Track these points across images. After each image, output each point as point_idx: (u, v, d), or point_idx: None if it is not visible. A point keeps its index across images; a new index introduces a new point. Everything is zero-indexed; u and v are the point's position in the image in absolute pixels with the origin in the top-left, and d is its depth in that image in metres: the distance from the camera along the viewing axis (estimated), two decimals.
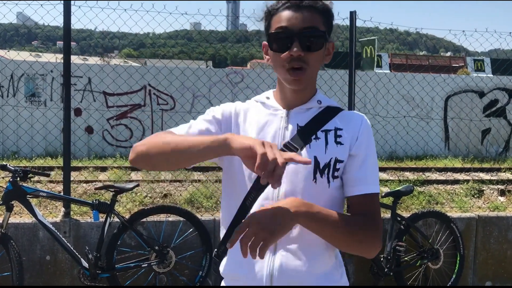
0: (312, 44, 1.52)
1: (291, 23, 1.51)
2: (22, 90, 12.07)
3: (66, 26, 4.42)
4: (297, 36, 1.50)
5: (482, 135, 13.89)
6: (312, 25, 1.51)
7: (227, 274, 1.62)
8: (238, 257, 1.43)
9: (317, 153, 1.54)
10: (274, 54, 1.55)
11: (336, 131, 1.58)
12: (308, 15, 1.51)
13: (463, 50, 38.03)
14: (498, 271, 5.16)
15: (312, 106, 1.63)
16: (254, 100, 1.71)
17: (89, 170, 7.83)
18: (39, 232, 4.40)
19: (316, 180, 1.53)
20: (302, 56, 1.50)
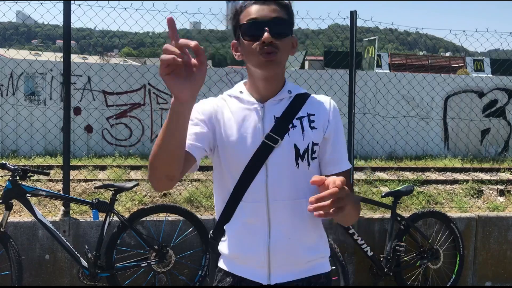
0: (281, 31, 1.66)
1: (260, 14, 1.66)
2: (21, 88, 12.06)
3: (66, 25, 4.40)
4: (267, 24, 1.64)
5: (481, 135, 13.89)
6: (279, 15, 1.67)
7: (228, 254, 1.78)
8: (236, 237, 1.74)
9: (296, 140, 1.70)
10: (247, 44, 1.67)
11: (309, 116, 1.75)
12: (274, 7, 1.68)
13: (463, 50, 37.97)
14: (498, 272, 5.15)
15: (284, 96, 1.76)
16: (227, 94, 1.82)
17: (89, 169, 7.82)
18: (38, 231, 4.39)
19: (298, 165, 1.71)
20: (274, 42, 1.64)
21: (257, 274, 1.74)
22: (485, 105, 13.80)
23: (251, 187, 1.70)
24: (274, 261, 1.72)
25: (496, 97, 13.78)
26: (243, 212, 1.73)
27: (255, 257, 1.73)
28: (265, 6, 1.67)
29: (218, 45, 54.31)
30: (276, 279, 1.73)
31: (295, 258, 1.74)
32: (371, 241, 4.80)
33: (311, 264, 1.78)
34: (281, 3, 1.71)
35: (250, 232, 1.73)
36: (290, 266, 1.74)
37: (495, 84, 13.66)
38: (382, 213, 5.13)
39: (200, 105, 1.78)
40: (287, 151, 1.70)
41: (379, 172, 8.39)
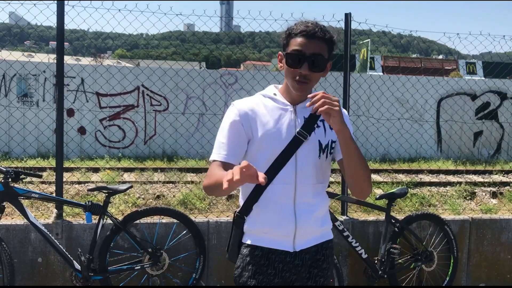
0: (317, 66, 2.06)
1: (304, 48, 2.04)
2: (14, 90, 11.99)
3: (60, 26, 4.38)
4: (307, 59, 2.04)
5: (474, 137, 13.96)
6: (319, 52, 2.05)
7: (257, 229, 2.16)
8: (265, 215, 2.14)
9: (320, 137, 2.15)
10: (288, 68, 2.09)
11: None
12: (317, 44, 2.05)
13: (456, 52, 38.16)
14: (492, 274, 5.17)
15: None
16: (261, 95, 2.22)
17: (82, 171, 7.77)
18: (30, 234, 4.35)
19: (320, 157, 2.15)
20: (308, 74, 2.05)
21: (284, 243, 2.15)
22: (478, 107, 13.87)
23: (282, 172, 2.09)
24: (298, 232, 2.14)
25: (489, 100, 13.86)
26: (273, 193, 2.11)
27: (284, 230, 2.13)
28: (309, 42, 2.04)
29: (212, 47, 54.06)
30: (300, 246, 2.17)
31: (314, 228, 2.19)
32: (365, 243, 4.80)
33: (322, 232, 2.25)
34: (326, 38, 2.07)
35: (279, 209, 2.12)
36: (309, 235, 2.19)
37: (488, 87, 13.74)
38: (376, 215, 5.13)
39: (239, 106, 2.14)
40: (312, 145, 2.13)
41: (373, 174, 8.40)
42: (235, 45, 53.25)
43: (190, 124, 12.12)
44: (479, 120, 13.89)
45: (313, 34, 2.04)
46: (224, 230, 4.66)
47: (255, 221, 2.17)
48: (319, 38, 2.05)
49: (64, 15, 4.40)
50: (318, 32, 2.05)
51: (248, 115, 2.13)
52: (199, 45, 16.08)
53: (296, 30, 2.06)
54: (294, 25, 2.10)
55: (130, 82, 11.61)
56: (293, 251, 2.16)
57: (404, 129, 11.68)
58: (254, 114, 2.13)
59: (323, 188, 2.23)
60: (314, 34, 2.04)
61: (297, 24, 2.09)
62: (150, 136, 12.67)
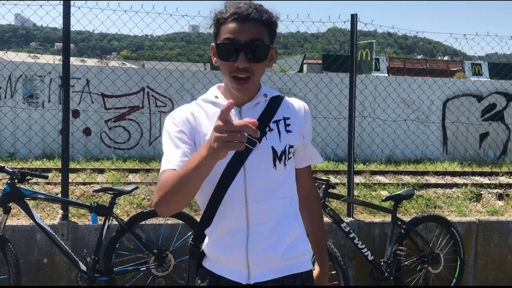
0: (257, 55, 1.66)
1: (237, 35, 1.64)
2: (20, 91, 12.03)
3: (66, 27, 4.38)
4: (243, 47, 1.64)
5: (480, 139, 13.89)
6: (257, 37, 1.65)
7: (210, 255, 1.83)
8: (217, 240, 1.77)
9: (273, 143, 1.75)
10: (222, 62, 1.69)
11: (285, 120, 1.80)
12: (253, 27, 1.65)
13: (461, 54, 37.99)
14: (499, 276, 5.13)
15: (260, 100, 1.80)
16: (202, 100, 1.83)
17: (87, 172, 7.78)
18: (36, 235, 4.36)
19: (275, 167, 1.75)
20: (247, 67, 1.65)
21: (237, 274, 1.77)
22: (484, 108, 13.81)
23: (230, 190, 1.72)
24: (252, 261, 1.75)
25: (495, 101, 13.79)
26: (223, 214, 1.75)
27: (234, 258, 1.76)
28: (244, 26, 1.64)
29: None
30: (255, 279, 1.76)
31: (273, 257, 1.76)
32: (371, 245, 4.77)
33: (289, 262, 1.80)
34: (264, 20, 1.68)
35: (229, 234, 1.76)
36: (268, 265, 1.77)
37: (495, 88, 13.67)
38: (382, 217, 5.11)
39: (177, 116, 1.78)
40: (265, 153, 1.74)
41: (379, 176, 8.37)
42: None
43: None
44: (485, 121, 13.82)
45: (247, 16, 1.65)
46: None
47: (208, 247, 1.83)
48: (255, 20, 1.65)
49: (70, 16, 4.41)
50: (252, 13, 1.65)
51: (188, 123, 1.76)
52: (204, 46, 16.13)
53: (226, 14, 1.67)
54: (223, 8, 1.70)
55: (136, 83, 11.61)
56: (245, 283, 1.77)
57: (410, 130, 11.63)
58: (194, 124, 1.77)
59: (290, 204, 1.81)
60: (248, 16, 1.65)
61: (227, 7, 1.69)
62: (155, 137, 12.67)
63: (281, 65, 17.71)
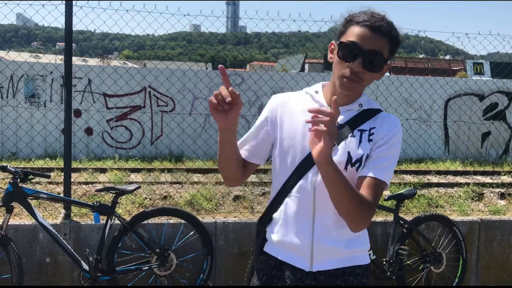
0: (373, 65, 1.75)
1: (362, 41, 1.72)
2: (22, 91, 12.04)
3: (68, 27, 4.38)
4: (363, 54, 1.72)
5: (482, 138, 13.87)
6: (379, 50, 1.74)
7: (274, 240, 1.95)
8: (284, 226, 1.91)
9: (351, 148, 1.82)
10: (339, 61, 1.78)
11: (370, 130, 1.85)
12: (379, 39, 1.73)
13: (463, 53, 37.88)
14: (501, 275, 5.13)
15: (353, 108, 1.87)
16: (305, 91, 1.96)
17: (89, 171, 7.79)
18: (39, 234, 4.36)
19: (346, 169, 1.81)
20: (361, 72, 1.74)
21: (300, 260, 1.89)
22: (486, 108, 13.78)
23: (302, 182, 1.85)
24: (316, 251, 1.87)
25: (497, 100, 13.76)
26: (292, 203, 1.88)
27: (299, 244, 1.88)
28: (370, 35, 1.73)
29: (219, 47, 53.81)
30: (318, 267, 1.88)
31: (335, 250, 1.87)
32: (373, 244, 4.76)
33: (350, 254, 1.91)
34: (390, 35, 1.76)
35: (296, 222, 1.88)
36: (331, 255, 1.88)
37: (497, 87, 13.65)
38: (385, 216, 5.11)
39: (274, 100, 1.96)
40: (340, 155, 1.81)
41: None
42: (241, 46, 53.25)
43: (197, 124, 12.12)
44: (487, 120, 13.80)
45: (378, 28, 1.73)
46: (231, 230, 4.65)
47: (272, 231, 1.97)
48: (383, 33, 1.74)
49: (72, 16, 4.41)
50: (384, 26, 1.74)
51: (277, 112, 1.92)
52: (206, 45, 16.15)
53: (359, 18, 1.75)
54: (357, 12, 1.79)
55: (138, 83, 11.62)
56: (308, 270, 1.89)
57: (412, 129, 11.62)
58: (284, 113, 1.91)
59: None
60: (379, 28, 1.73)
61: (362, 12, 1.78)
62: (157, 137, 12.68)
63: (283, 64, 17.71)
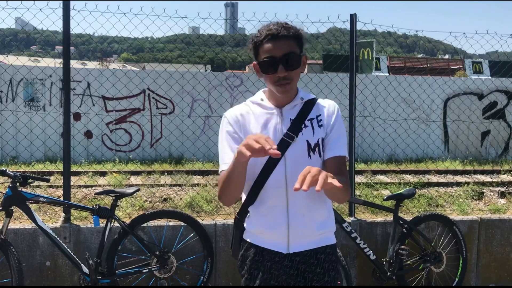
0: (292, 64, 2.06)
1: (274, 52, 2.04)
2: (21, 95, 12.05)
3: (66, 30, 4.39)
4: (280, 61, 2.04)
5: (482, 137, 13.88)
6: (289, 50, 2.05)
7: (253, 230, 2.23)
8: (261, 216, 2.18)
9: (308, 137, 2.14)
10: (266, 76, 2.10)
11: (317, 117, 2.18)
12: (285, 43, 2.05)
13: (461, 52, 37.91)
14: (501, 274, 5.13)
15: (297, 103, 2.19)
16: (250, 101, 2.25)
17: (89, 174, 7.80)
18: (39, 238, 4.36)
19: (310, 157, 2.13)
20: (286, 75, 2.06)
21: (278, 245, 2.18)
22: (485, 107, 13.79)
23: (273, 175, 2.12)
24: (292, 234, 2.15)
25: (496, 99, 13.77)
26: (266, 196, 2.15)
27: (277, 232, 2.16)
28: (278, 42, 2.04)
29: (218, 49, 53.65)
30: (294, 249, 2.17)
31: (309, 231, 2.17)
32: (373, 244, 4.77)
33: (320, 236, 2.22)
34: (291, 35, 2.07)
35: (272, 212, 2.15)
36: (304, 238, 2.17)
37: (496, 86, 13.66)
38: (384, 216, 5.11)
39: (228, 117, 2.20)
40: (301, 146, 2.12)
41: (380, 175, 8.37)
42: (240, 47, 53.22)
43: (196, 126, 12.13)
44: (486, 119, 13.81)
45: (277, 35, 2.05)
46: (231, 232, 4.63)
47: (251, 222, 2.23)
48: (285, 37, 2.05)
49: (70, 19, 4.41)
50: (281, 31, 2.05)
51: (238, 122, 2.18)
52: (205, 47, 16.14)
53: (261, 37, 2.07)
54: (257, 33, 2.10)
55: (136, 86, 11.63)
56: (286, 253, 2.18)
57: (411, 129, 11.63)
58: (244, 122, 2.18)
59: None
60: (279, 35, 2.05)
61: (260, 30, 2.09)
62: (156, 139, 12.69)
63: None
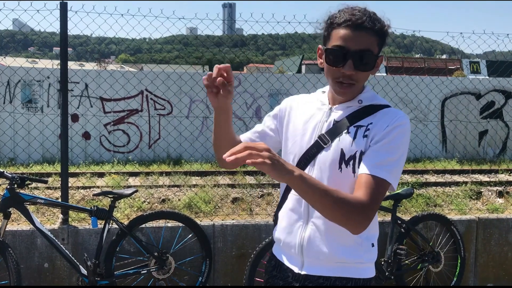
0: (364, 64, 1.69)
1: (348, 43, 1.66)
2: (19, 96, 12.03)
3: (63, 31, 4.39)
4: (352, 56, 1.67)
5: (479, 137, 13.90)
6: (367, 48, 1.67)
7: (275, 238, 1.96)
8: (282, 224, 1.90)
9: (344, 145, 1.74)
10: (328, 66, 1.73)
11: (367, 126, 1.75)
12: (365, 37, 1.67)
13: (459, 52, 38.00)
14: (499, 274, 5.14)
15: (352, 104, 1.81)
16: (316, 92, 1.96)
17: (87, 176, 7.79)
18: (37, 240, 4.36)
19: (341, 170, 1.73)
20: (353, 74, 1.70)
21: (293, 260, 1.86)
22: (483, 106, 13.81)
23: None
24: (307, 253, 1.81)
25: (494, 99, 13.80)
26: (289, 202, 1.88)
27: (292, 245, 1.84)
28: (356, 34, 1.66)
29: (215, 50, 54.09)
30: (308, 270, 1.81)
31: (326, 255, 1.77)
32: None
33: (343, 265, 1.79)
34: (376, 29, 1.69)
35: (290, 221, 1.86)
36: (320, 261, 1.79)
37: (493, 86, 13.68)
38: (382, 216, 5.12)
39: (283, 101, 2.00)
40: (333, 154, 1.75)
41: None
42: (238, 48, 53.24)
43: (194, 127, 12.13)
44: (484, 119, 13.83)
45: (360, 25, 1.66)
46: (229, 233, 4.65)
47: (276, 230, 1.96)
48: (367, 29, 1.67)
49: (67, 20, 4.41)
50: (366, 21, 1.66)
51: (285, 112, 1.95)
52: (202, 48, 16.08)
53: (340, 19, 1.69)
54: (337, 12, 1.72)
55: (134, 87, 11.61)
56: (297, 272, 1.83)
57: None
58: (292, 113, 1.93)
59: None
60: (362, 25, 1.66)
61: (341, 11, 1.71)
62: (154, 140, 12.68)
63: (279, 66, 17.72)
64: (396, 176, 1.69)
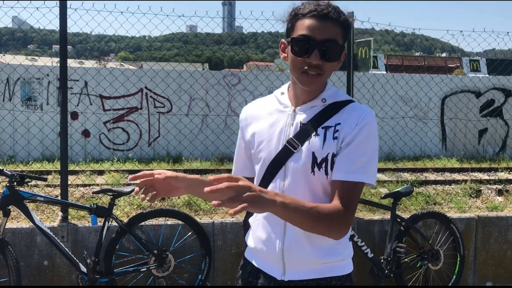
0: (330, 55, 1.67)
1: (314, 33, 1.65)
2: (18, 94, 12.02)
3: (62, 29, 4.38)
4: (318, 46, 1.65)
5: (479, 135, 13.91)
6: (333, 37, 1.66)
7: (250, 246, 1.90)
8: (257, 233, 1.83)
9: (315, 148, 1.70)
10: (294, 57, 1.70)
11: (335, 127, 1.72)
12: (330, 27, 1.66)
13: (459, 50, 37.98)
14: (499, 272, 5.14)
15: (316, 104, 1.77)
16: (274, 94, 1.89)
17: (87, 173, 7.79)
18: (36, 237, 4.36)
19: (314, 173, 1.70)
20: (320, 64, 1.66)
21: (273, 269, 1.81)
22: (483, 105, 13.82)
23: (271, 187, 1.76)
24: (288, 260, 1.77)
25: (493, 97, 13.80)
26: None
27: (271, 254, 1.80)
28: (321, 24, 1.65)
29: (215, 48, 53.69)
30: (290, 276, 1.78)
31: (308, 259, 1.76)
32: (371, 242, 4.78)
33: (325, 265, 1.78)
34: (341, 21, 1.69)
35: (267, 230, 1.80)
36: (303, 266, 1.77)
37: (493, 84, 13.69)
38: (382, 214, 5.12)
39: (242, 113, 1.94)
40: (304, 158, 1.71)
41: (378, 173, 8.37)
42: (237, 46, 53.25)
43: (194, 125, 12.13)
44: (484, 117, 13.85)
45: (326, 15, 1.65)
46: (229, 231, 4.65)
47: (249, 237, 1.91)
48: (333, 20, 1.66)
49: (67, 18, 4.40)
50: (332, 12, 1.66)
51: (246, 121, 1.90)
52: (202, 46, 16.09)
53: (304, 10, 1.68)
54: (301, 4, 1.71)
55: (134, 84, 11.62)
56: (280, 279, 1.80)
57: (408, 127, 11.65)
58: (252, 120, 1.88)
59: None
60: (327, 15, 1.65)
61: (305, 3, 1.70)
62: (154, 138, 12.68)
63: (279, 64, 17.71)
64: (372, 173, 1.70)
